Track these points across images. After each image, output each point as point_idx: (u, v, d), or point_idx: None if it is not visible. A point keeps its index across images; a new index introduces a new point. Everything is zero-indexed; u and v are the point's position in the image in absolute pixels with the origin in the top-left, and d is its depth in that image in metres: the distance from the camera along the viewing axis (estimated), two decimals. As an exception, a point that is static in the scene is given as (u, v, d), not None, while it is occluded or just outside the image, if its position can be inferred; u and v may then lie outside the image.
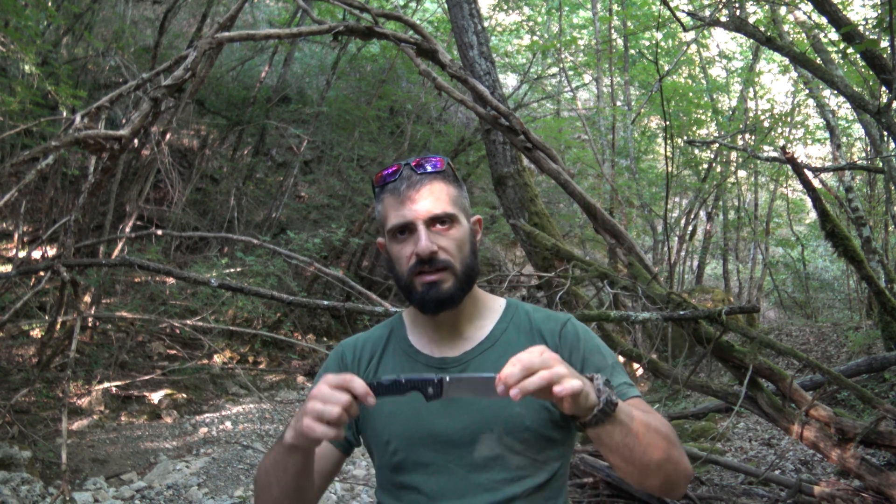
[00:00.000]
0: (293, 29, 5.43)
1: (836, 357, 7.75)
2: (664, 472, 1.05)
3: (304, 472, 1.11)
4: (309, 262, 5.61)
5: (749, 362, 3.20)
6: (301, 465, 1.08)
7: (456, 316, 1.23)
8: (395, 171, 1.20)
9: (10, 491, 4.20)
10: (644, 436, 1.01)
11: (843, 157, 8.78)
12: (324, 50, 13.84)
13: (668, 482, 1.07)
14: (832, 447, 3.14)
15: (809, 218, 14.89)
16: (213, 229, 10.75)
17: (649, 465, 1.03)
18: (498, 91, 4.86)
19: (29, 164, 3.78)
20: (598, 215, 3.86)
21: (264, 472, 1.15)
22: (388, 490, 1.23)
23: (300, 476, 1.11)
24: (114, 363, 7.31)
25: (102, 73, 9.02)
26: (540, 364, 0.92)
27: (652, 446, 1.02)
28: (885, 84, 4.26)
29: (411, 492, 1.17)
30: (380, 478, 1.25)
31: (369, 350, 1.30)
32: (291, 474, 1.09)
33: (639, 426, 1.01)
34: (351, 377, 0.99)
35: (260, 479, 1.16)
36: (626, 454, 1.01)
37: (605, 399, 0.97)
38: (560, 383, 0.92)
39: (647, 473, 1.04)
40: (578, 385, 0.93)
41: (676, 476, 1.07)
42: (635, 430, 1.00)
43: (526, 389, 0.91)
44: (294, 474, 1.09)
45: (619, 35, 11.55)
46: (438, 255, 1.15)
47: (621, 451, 1.01)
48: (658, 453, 1.03)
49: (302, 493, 1.14)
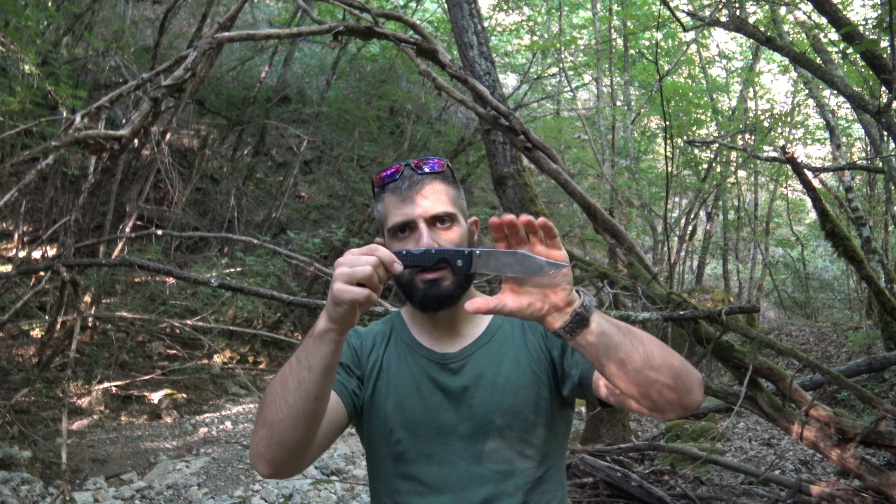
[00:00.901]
0: (293, 29, 5.43)
1: (836, 357, 7.75)
2: (671, 369, 0.99)
3: (329, 371, 1.00)
4: (309, 262, 5.61)
5: (749, 362, 3.20)
6: (330, 358, 0.99)
7: (454, 315, 1.25)
8: (396, 171, 1.22)
9: (10, 491, 4.20)
10: (636, 334, 0.99)
11: (843, 157, 8.78)
12: (324, 50, 13.83)
13: (680, 383, 1.00)
14: (832, 447, 3.14)
15: (809, 218, 14.89)
16: (213, 229, 10.75)
17: (651, 363, 0.97)
18: (498, 91, 4.86)
19: (29, 164, 3.78)
20: (598, 215, 3.86)
21: (280, 377, 1.03)
22: (386, 481, 1.23)
23: (324, 379, 1.00)
24: (114, 363, 7.31)
25: (102, 73, 9.01)
26: None
27: (647, 342, 0.99)
28: (885, 84, 4.26)
29: (412, 482, 1.19)
30: (377, 469, 1.25)
31: (371, 341, 1.31)
32: (318, 371, 0.98)
33: (626, 328, 1.00)
34: (376, 246, 0.98)
35: (274, 387, 1.03)
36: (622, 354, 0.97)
37: (586, 298, 0.99)
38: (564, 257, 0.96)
39: (652, 375, 0.98)
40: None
41: (687, 375, 1.01)
42: (623, 329, 0.99)
43: (542, 223, 0.94)
44: (320, 371, 0.99)
45: (618, 35, 11.54)
46: None
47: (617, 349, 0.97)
48: (656, 349, 0.99)
49: (316, 416, 1.03)
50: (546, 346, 1.25)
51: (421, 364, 1.24)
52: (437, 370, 1.23)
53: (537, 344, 1.25)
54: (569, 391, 1.21)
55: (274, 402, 1.02)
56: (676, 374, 1.00)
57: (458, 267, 0.99)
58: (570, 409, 1.29)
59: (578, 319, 0.95)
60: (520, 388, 1.20)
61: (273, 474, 1.06)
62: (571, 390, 1.21)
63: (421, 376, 1.23)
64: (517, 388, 1.20)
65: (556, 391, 1.23)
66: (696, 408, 1.05)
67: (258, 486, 5.13)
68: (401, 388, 1.22)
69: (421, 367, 1.24)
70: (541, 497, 1.19)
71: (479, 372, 1.21)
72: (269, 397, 1.03)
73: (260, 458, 1.04)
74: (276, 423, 1.01)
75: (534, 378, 1.21)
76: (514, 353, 1.23)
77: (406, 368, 1.25)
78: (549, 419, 1.21)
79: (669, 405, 1.01)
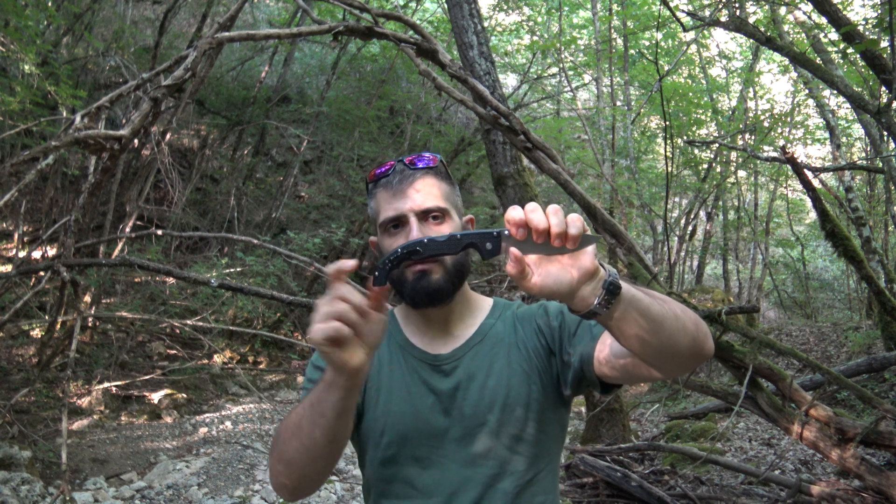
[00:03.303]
0: (293, 29, 5.43)
1: (836, 357, 7.75)
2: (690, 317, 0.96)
3: (344, 415, 0.98)
4: (309, 262, 5.61)
5: (749, 362, 3.20)
6: (342, 405, 0.96)
7: (447, 314, 1.23)
8: (389, 167, 1.21)
9: (10, 491, 4.20)
10: (651, 291, 0.96)
11: (843, 157, 8.79)
12: (324, 50, 13.83)
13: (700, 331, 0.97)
14: (832, 447, 3.14)
15: (809, 218, 14.89)
16: (213, 229, 10.75)
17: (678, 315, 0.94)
18: (498, 91, 4.86)
19: (29, 164, 3.79)
20: (598, 215, 3.86)
21: (295, 418, 1.02)
22: (376, 485, 1.22)
23: (339, 422, 0.99)
24: (114, 363, 7.31)
25: (102, 73, 9.02)
26: (565, 216, 0.88)
27: (664, 296, 0.96)
28: (885, 84, 4.26)
29: (403, 486, 1.17)
30: (368, 474, 1.24)
31: None
32: (331, 417, 0.97)
33: (641, 287, 0.95)
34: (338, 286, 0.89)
35: (288, 427, 1.03)
36: (655, 314, 0.92)
37: (610, 272, 0.91)
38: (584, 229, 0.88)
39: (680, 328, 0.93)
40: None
41: (699, 321, 0.98)
42: (641, 288, 0.94)
43: (575, 237, 0.85)
44: (333, 416, 0.97)
45: (618, 35, 11.55)
46: None
47: (649, 310, 0.91)
48: (672, 301, 0.96)
49: (333, 454, 1.03)
50: (541, 343, 1.22)
51: (413, 365, 1.23)
52: (429, 372, 1.21)
53: (530, 341, 1.23)
54: (570, 386, 1.18)
55: (290, 441, 1.02)
56: (696, 321, 0.97)
57: (488, 251, 0.91)
58: (566, 411, 1.26)
59: (611, 288, 0.87)
60: (510, 388, 1.18)
61: (297, 498, 1.10)
62: (573, 382, 1.17)
63: (413, 378, 1.21)
64: (508, 388, 1.18)
65: (552, 390, 1.20)
66: (712, 353, 1.01)
67: (258, 486, 5.14)
68: (392, 391, 1.21)
69: (413, 368, 1.22)
70: (531, 499, 1.18)
71: (471, 373, 1.19)
72: (285, 436, 1.03)
73: (283, 489, 1.08)
74: (294, 462, 1.02)
75: (525, 378, 1.19)
76: (506, 353, 1.21)
77: (398, 370, 1.23)
78: (541, 420, 1.19)
79: (695, 358, 0.98)
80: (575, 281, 0.87)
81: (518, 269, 0.86)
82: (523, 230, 0.86)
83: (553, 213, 0.86)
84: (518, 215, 0.86)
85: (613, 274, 0.89)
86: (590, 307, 0.88)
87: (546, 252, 0.88)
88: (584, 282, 0.87)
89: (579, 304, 0.89)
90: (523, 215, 0.86)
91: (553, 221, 0.85)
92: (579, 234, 0.85)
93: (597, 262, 0.88)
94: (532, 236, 0.87)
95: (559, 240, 0.85)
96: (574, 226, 0.85)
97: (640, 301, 0.90)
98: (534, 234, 0.86)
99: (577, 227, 0.85)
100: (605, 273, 0.88)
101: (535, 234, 0.86)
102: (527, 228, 0.86)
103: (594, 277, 0.88)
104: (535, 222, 0.85)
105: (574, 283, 0.87)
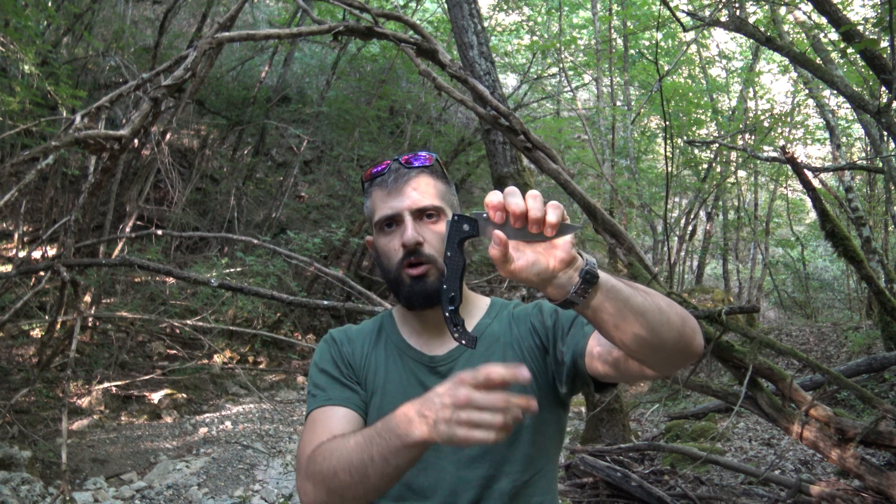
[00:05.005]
0: (293, 29, 5.43)
1: (836, 357, 7.75)
2: (677, 312, 0.95)
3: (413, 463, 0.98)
4: (309, 262, 5.61)
5: (749, 362, 3.20)
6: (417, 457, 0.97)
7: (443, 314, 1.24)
8: (385, 166, 1.21)
9: (10, 491, 4.21)
10: (636, 284, 0.95)
11: (843, 157, 8.79)
12: (324, 50, 13.83)
13: (688, 326, 0.96)
14: (832, 447, 3.14)
15: (809, 218, 14.89)
16: (213, 229, 10.75)
17: (662, 309, 0.93)
18: (498, 91, 4.86)
19: (29, 164, 3.79)
20: (598, 215, 3.86)
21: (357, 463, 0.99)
22: None
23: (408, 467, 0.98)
24: (114, 363, 7.31)
25: (102, 73, 9.01)
26: (544, 203, 0.87)
27: (649, 290, 0.95)
28: (885, 84, 4.26)
29: (400, 487, 1.17)
30: None
31: (360, 342, 1.29)
32: (404, 468, 0.96)
33: (626, 280, 0.94)
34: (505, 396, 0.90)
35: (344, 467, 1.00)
36: (637, 306, 0.91)
37: (588, 260, 0.90)
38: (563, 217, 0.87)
39: (665, 322, 0.92)
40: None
41: (689, 317, 0.97)
42: (625, 281, 0.93)
43: (553, 224, 0.85)
44: (406, 468, 0.96)
45: (618, 35, 11.54)
46: (423, 248, 1.16)
47: (630, 302, 0.91)
48: (657, 295, 0.95)
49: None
50: (536, 342, 1.22)
51: (410, 367, 1.23)
52: (426, 373, 1.21)
53: (525, 340, 1.23)
54: (565, 384, 1.18)
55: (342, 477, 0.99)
56: (683, 316, 0.96)
57: (465, 232, 0.91)
58: (563, 412, 1.25)
59: (588, 277, 0.86)
60: (506, 388, 1.17)
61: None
62: (568, 380, 1.16)
63: (409, 380, 1.21)
64: (503, 388, 1.17)
65: (548, 390, 1.20)
66: (701, 351, 0.99)
67: (258, 486, 5.14)
68: (389, 392, 1.21)
69: (410, 369, 1.22)
70: (529, 500, 1.18)
71: None
72: (338, 468, 1.00)
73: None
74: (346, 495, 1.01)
75: None
76: (501, 352, 1.21)
77: (395, 372, 1.23)
78: (537, 421, 1.18)
79: (682, 354, 0.97)
80: (551, 269, 0.86)
81: (501, 253, 0.85)
82: (501, 213, 0.86)
83: (532, 197, 0.85)
84: (497, 198, 0.86)
85: (592, 263, 0.88)
86: (566, 296, 0.88)
87: (524, 238, 0.87)
88: (560, 269, 0.87)
89: (556, 292, 0.88)
90: (502, 198, 0.86)
91: (531, 205, 0.85)
92: (558, 222, 0.85)
93: (574, 251, 0.88)
94: (510, 220, 0.86)
95: (537, 225, 0.85)
96: (553, 213, 0.85)
97: (620, 292, 0.89)
98: (511, 219, 0.86)
99: (556, 214, 0.85)
100: (582, 262, 0.88)
101: (513, 217, 0.85)
102: (505, 212, 0.86)
103: (571, 265, 0.87)
104: (513, 206, 0.85)
105: (551, 271, 0.87)
